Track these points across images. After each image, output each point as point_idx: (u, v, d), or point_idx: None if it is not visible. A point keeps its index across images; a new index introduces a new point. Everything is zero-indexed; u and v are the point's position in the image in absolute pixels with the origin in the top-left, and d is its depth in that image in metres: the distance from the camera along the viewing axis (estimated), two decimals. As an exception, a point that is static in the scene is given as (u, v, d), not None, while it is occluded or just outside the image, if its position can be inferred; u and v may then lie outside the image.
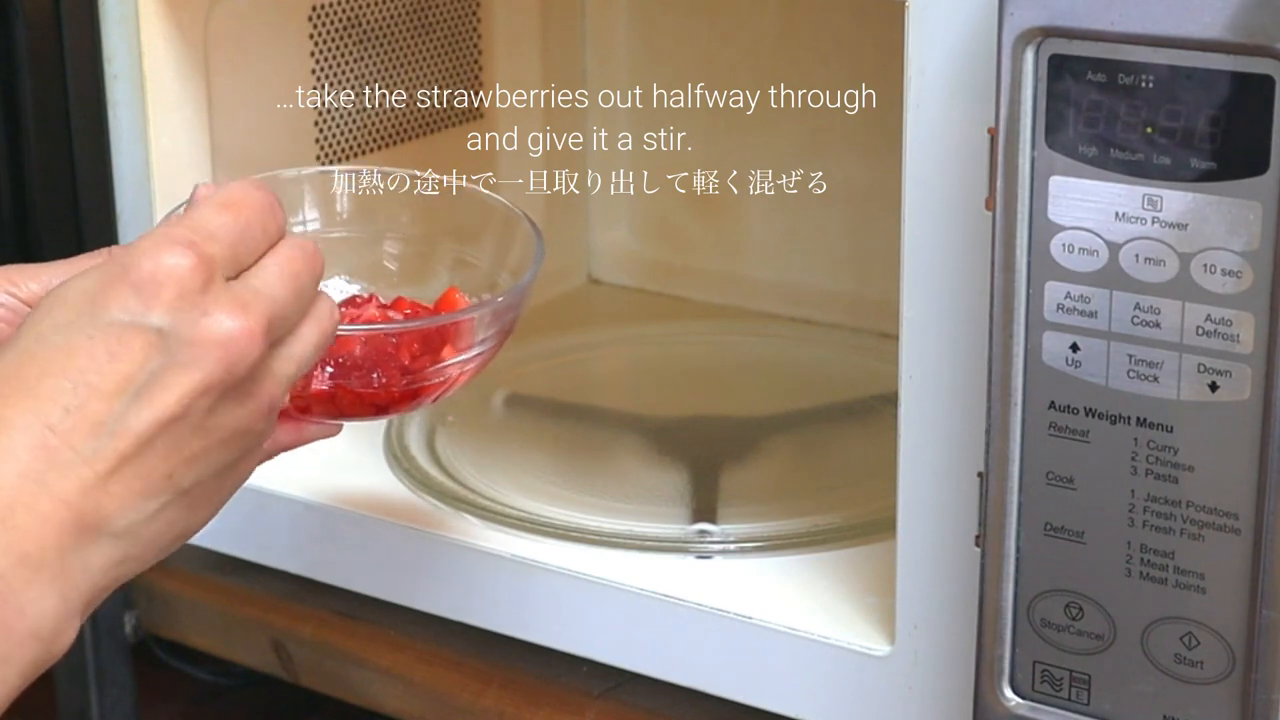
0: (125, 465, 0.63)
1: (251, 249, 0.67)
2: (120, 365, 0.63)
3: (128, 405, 0.63)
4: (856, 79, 1.17)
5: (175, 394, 0.63)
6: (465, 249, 0.84)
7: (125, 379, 0.63)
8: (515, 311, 0.80)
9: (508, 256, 0.83)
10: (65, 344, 0.63)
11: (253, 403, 0.66)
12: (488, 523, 0.96)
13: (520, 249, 0.82)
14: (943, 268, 0.76)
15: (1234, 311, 0.68)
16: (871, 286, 1.17)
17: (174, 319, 0.63)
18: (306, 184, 0.85)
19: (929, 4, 0.74)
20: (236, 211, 0.67)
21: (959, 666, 0.79)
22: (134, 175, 1.01)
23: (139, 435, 0.63)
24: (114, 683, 1.08)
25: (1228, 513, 0.70)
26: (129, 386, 0.63)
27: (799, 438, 1.08)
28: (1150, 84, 0.67)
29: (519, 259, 0.82)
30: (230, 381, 0.64)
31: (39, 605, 0.61)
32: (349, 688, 0.99)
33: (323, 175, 0.86)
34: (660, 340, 1.23)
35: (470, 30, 1.20)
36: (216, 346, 0.64)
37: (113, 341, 0.63)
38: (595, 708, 0.92)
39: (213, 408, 0.64)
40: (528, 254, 0.81)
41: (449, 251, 0.85)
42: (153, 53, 0.99)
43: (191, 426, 0.64)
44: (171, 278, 0.63)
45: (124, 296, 0.63)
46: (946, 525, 0.79)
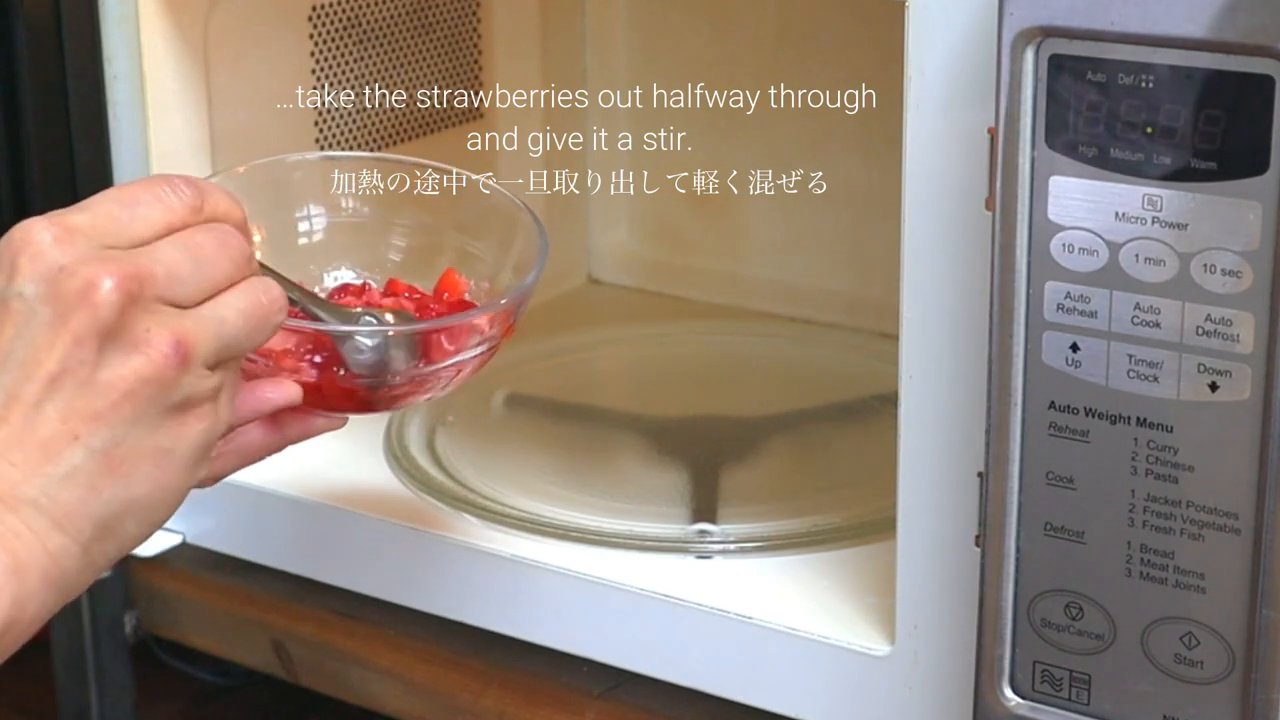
0: (21, 433, 0.63)
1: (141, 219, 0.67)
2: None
3: (5, 374, 0.64)
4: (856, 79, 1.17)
5: (48, 353, 0.64)
6: (469, 241, 0.84)
7: (2, 352, 0.64)
8: (518, 310, 0.80)
9: (511, 250, 0.83)
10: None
11: (149, 350, 0.65)
12: (488, 523, 0.96)
13: (523, 243, 0.82)
14: (943, 268, 0.76)
15: (1234, 311, 0.68)
16: (871, 286, 1.17)
17: (33, 283, 0.64)
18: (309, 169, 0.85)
19: (929, 4, 0.74)
20: (124, 186, 0.69)
21: (959, 666, 0.79)
22: (134, 175, 1.00)
23: (22, 400, 0.64)
24: (114, 683, 1.08)
25: (1228, 513, 0.70)
26: (5, 356, 0.64)
27: (799, 438, 1.08)
28: (1150, 84, 0.67)
29: (522, 253, 0.82)
30: (102, 329, 0.64)
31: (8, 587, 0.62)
32: (349, 688, 0.99)
33: (326, 162, 0.86)
34: (660, 340, 1.23)
35: (470, 30, 1.20)
36: (74, 296, 0.64)
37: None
38: (595, 708, 0.92)
39: (95, 361, 0.64)
40: (530, 248, 0.81)
41: (453, 243, 0.85)
42: (153, 53, 0.99)
43: (78, 381, 0.64)
44: (26, 244, 0.65)
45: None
46: (946, 525, 0.79)
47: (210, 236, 0.68)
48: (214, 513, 1.02)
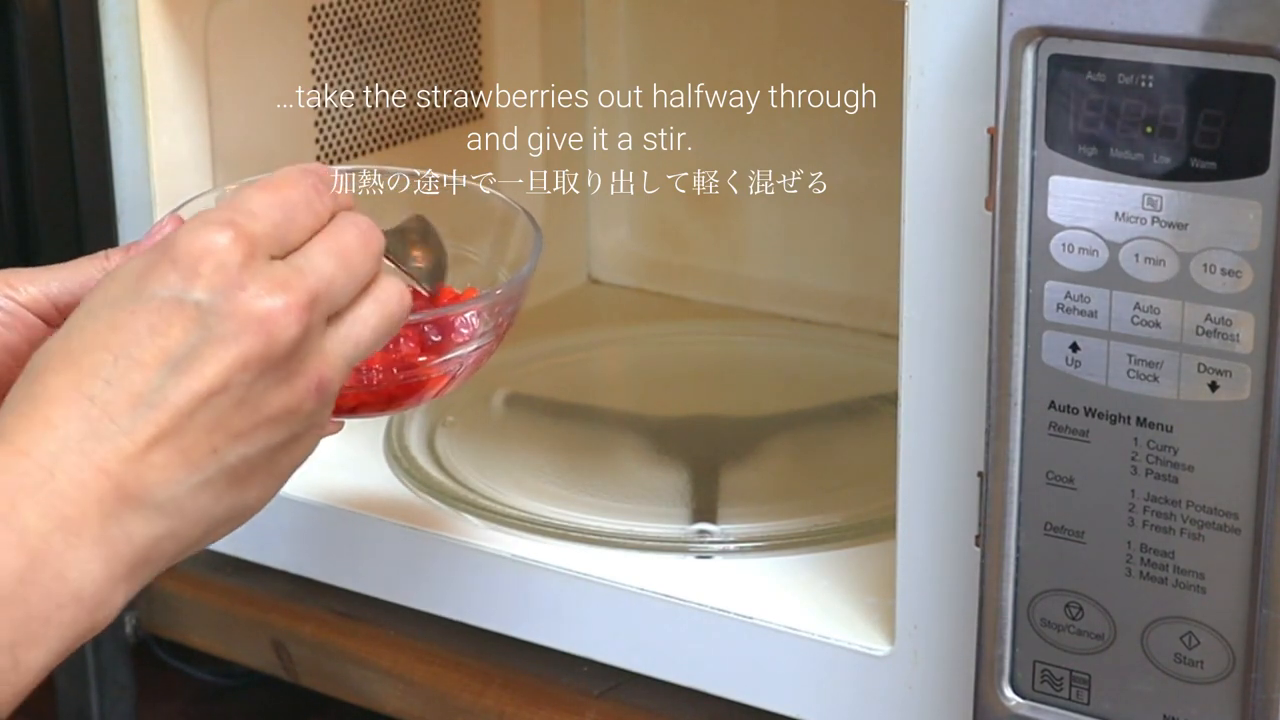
0: (165, 437, 0.64)
1: (298, 228, 0.68)
2: (160, 339, 0.64)
3: (166, 378, 0.64)
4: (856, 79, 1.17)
5: (213, 368, 0.64)
6: (464, 245, 0.84)
7: (164, 352, 0.64)
8: (513, 305, 0.80)
9: (506, 251, 0.83)
10: (110, 319, 0.65)
11: (300, 381, 0.66)
12: (488, 523, 0.96)
13: (518, 243, 0.82)
14: (943, 268, 0.76)
15: (1234, 311, 0.68)
16: (871, 286, 1.17)
17: (212, 294, 0.64)
18: None
19: (929, 4, 0.74)
20: (277, 190, 0.68)
21: (959, 666, 0.79)
22: (134, 175, 1.01)
23: (178, 408, 0.64)
24: (114, 683, 1.08)
25: (1228, 512, 0.70)
26: (168, 359, 0.64)
27: (799, 438, 1.08)
28: (1150, 84, 0.67)
29: (517, 253, 0.82)
30: (271, 357, 0.65)
31: (80, 569, 0.62)
32: (349, 688, 0.99)
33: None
34: (660, 340, 1.23)
35: (470, 30, 1.20)
36: (254, 321, 0.65)
37: (154, 316, 0.64)
38: (595, 708, 0.92)
39: (254, 383, 0.65)
40: (526, 248, 0.81)
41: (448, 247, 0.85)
42: (153, 53, 0.99)
43: (233, 401, 0.65)
44: (210, 253, 0.65)
45: (165, 273, 0.65)
46: (946, 525, 0.79)
47: (355, 236, 0.69)
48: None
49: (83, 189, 1.01)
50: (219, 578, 1.04)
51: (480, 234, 0.84)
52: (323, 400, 0.68)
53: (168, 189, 0.99)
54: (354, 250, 0.69)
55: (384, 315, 0.70)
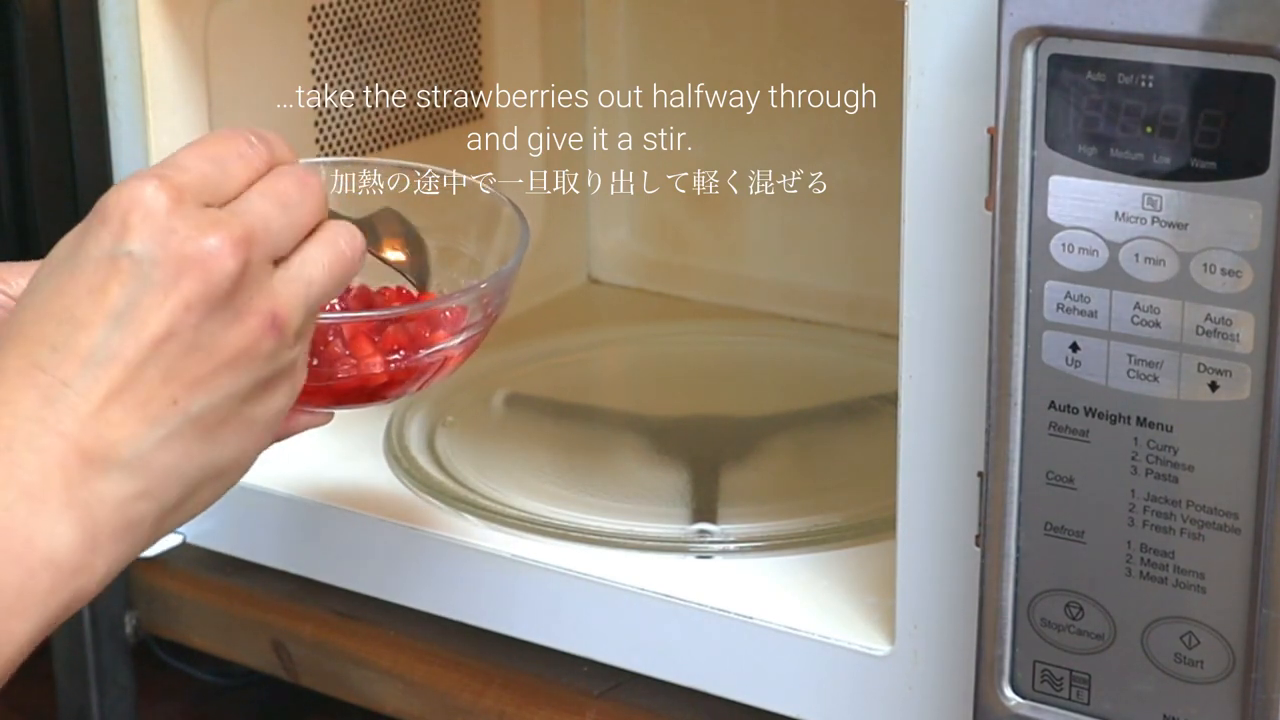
0: (121, 393, 0.63)
1: (231, 178, 0.68)
2: (100, 296, 0.64)
3: (110, 333, 0.63)
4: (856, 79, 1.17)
5: (156, 315, 0.64)
6: (452, 239, 0.84)
7: (106, 308, 0.64)
8: (500, 296, 0.80)
9: (493, 243, 0.83)
10: (54, 286, 0.65)
11: (251, 319, 0.66)
12: (488, 523, 0.96)
13: (505, 236, 0.82)
14: (943, 268, 0.76)
15: (1234, 311, 0.68)
16: (871, 286, 1.17)
17: (144, 243, 0.64)
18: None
19: (929, 4, 0.74)
20: (207, 144, 0.69)
21: (959, 666, 0.79)
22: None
23: (127, 361, 0.63)
24: (114, 683, 1.08)
25: (1228, 512, 0.70)
26: (110, 315, 0.64)
27: (799, 438, 1.08)
28: (1150, 84, 0.67)
29: (504, 245, 0.82)
30: (212, 296, 0.64)
31: (49, 535, 0.61)
32: (349, 688, 0.99)
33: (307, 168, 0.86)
34: (660, 340, 1.23)
35: (470, 30, 1.20)
36: (189, 262, 0.64)
37: (91, 275, 0.64)
38: (595, 708, 0.92)
39: (200, 325, 0.64)
40: (512, 239, 0.81)
41: (436, 243, 0.85)
42: (153, 53, 0.99)
43: (183, 346, 0.64)
44: (136, 204, 0.65)
45: (97, 231, 0.65)
46: (946, 525, 0.79)
47: (291, 181, 0.69)
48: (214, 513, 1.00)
49: (83, 189, 1.01)
50: (219, 578, 1.04)
51: (467, 226, 0.84)
52: (281, 338, 0.67)
53: (168, 189, 0.99)
54: (290, 192, 0.69)
55: (335, 254, 0.69)
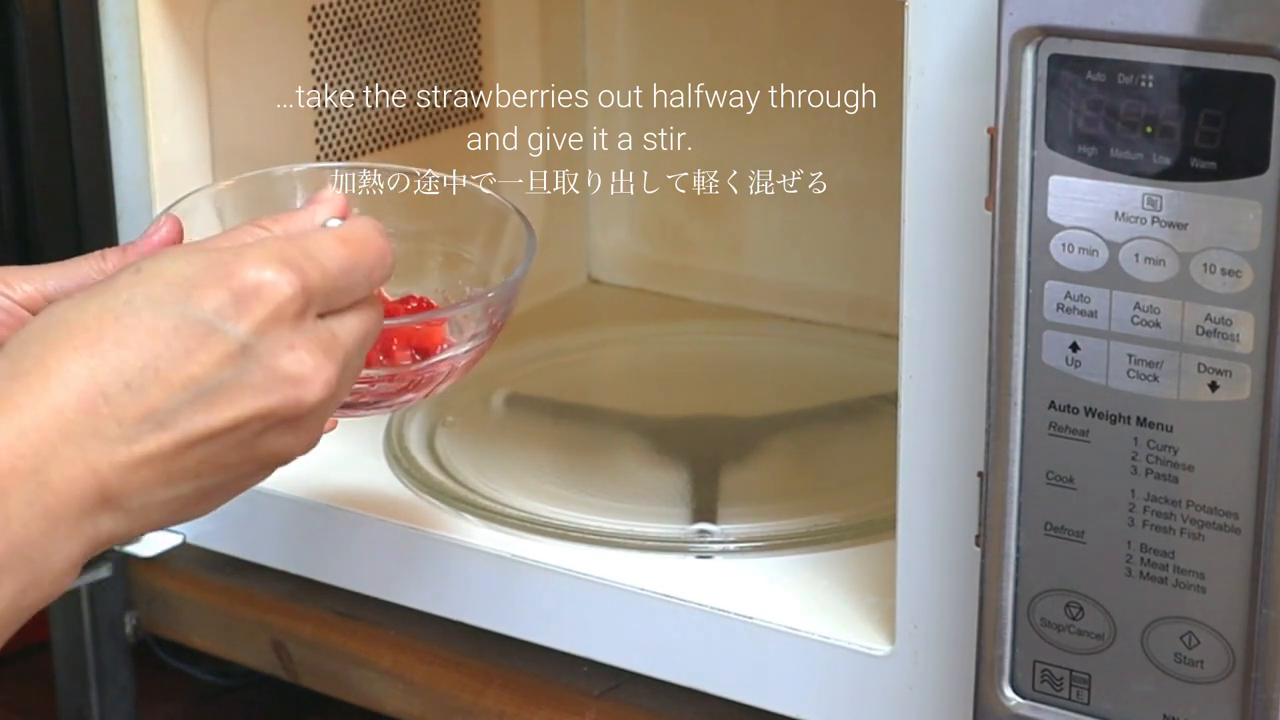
0: (161, 459, 0.64)
1: (350, 293, 0.68)
2: (191, 363, 0.63)
3: (185, 404, 0.63)
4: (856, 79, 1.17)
5: (235, 411, 0.64)
6: (457, 245, 0.84)
7: (192, 378, 0.63)
8: (506, 306, 0.80)
9: (499, 251, 0.83)
10: (150, 323, 0.64)
11: (304, 436, 0.67)
12: (488, 523, 0.96)
13: (511, 243, 0.82)
14: (943, 268, 0.76)
15: (1234, 311, 0.68)
16: (871, 286, 1.17)
17: (259, 339, 0.64)
18: (298, 181, 0.85)
19: (929, 4, 0.74)
20: (353, 251, 0.68)
21: (959, 666, 0.79)
22: (134, 175, 1.01)
23: (186, 436, 0.64)
24: (114, 683, 1.08)
25: (1228, 512, 0.70)
26: (193, 386, 0.64)
27: (799, 438, 1.08)
28: (1150, 84, 0.67)
29: (510, 253, 0.82)
30: (289, 418, 0.65)
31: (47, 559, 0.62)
32: (349, 688, 0.99)
33: (314, 173, 0.86)
34: (660, 340, 1.23)
35: (470, 30, 1.20)
36: (290, 382, 0.65)
37: (193, 338, 0.64)
38: (595, 708, 0.92)
39: (263, 432, 0.65)
40: (519, 247, 0.81)
41: (441, 248, 0.85)
42: (153, 53, 0.99)
43: (236, 442, 0.65)
44: (270, 297, 0.64)
45: (219, 298, 0.64)
46: (946, 525, 0.79)
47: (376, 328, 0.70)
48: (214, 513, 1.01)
49: (83, 189, 1.01)
50: (219, 578, 1.04)
51: (473, 233, 0.84)
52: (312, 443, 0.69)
53: (168, 189, 0.99)
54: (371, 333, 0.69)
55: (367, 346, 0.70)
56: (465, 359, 0.79)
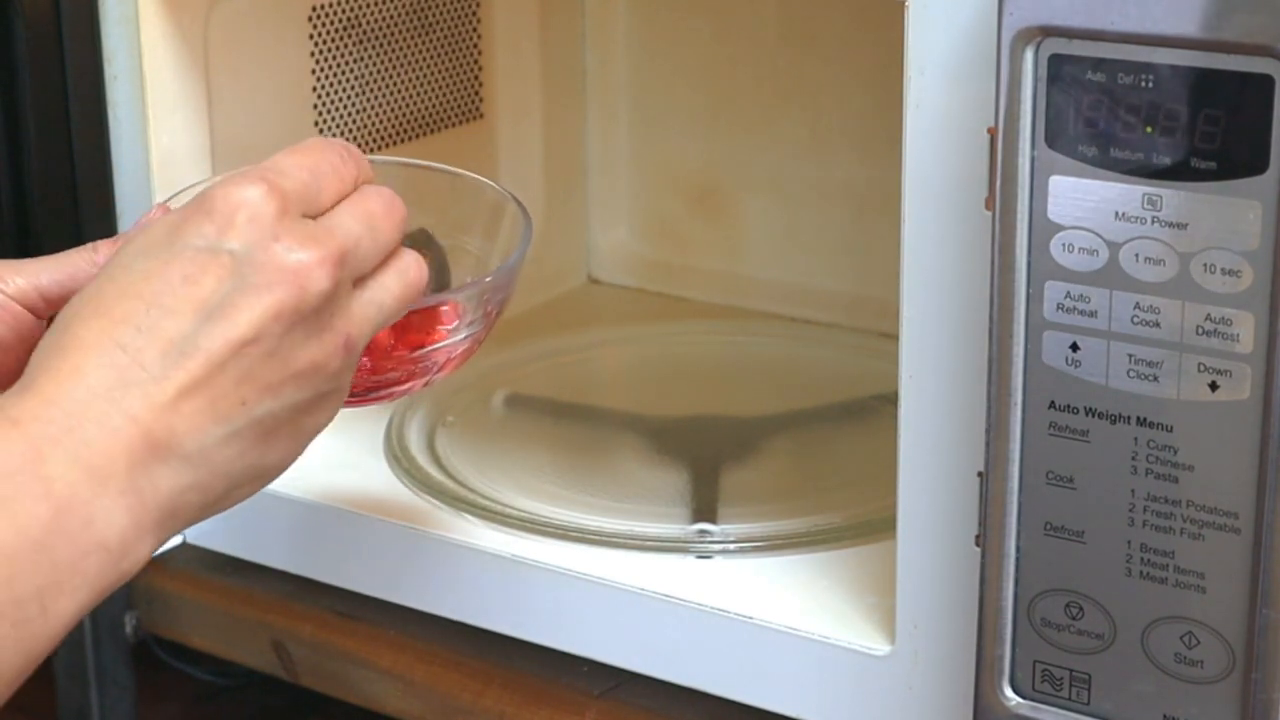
0: (197, 386, 0.64)
1: (327, 191, 0.69)
2: (194, 288, 0.64)
3: (199, 325, 0.64)
4: (856, 79, 1.17)
5: (247, 316, 0.65)
6: (456, 236, 0.84)
7: (199, 301, 0.64)
8: (503, 293, 0.80)
9: (497, 239, 0.83)
10: (144, 269, 0.65)
11: (328, 336, 0.67)
12: (488, 523, 0.96)
13: (509, 232, 0.82)
14: (943, 268, 0.76)
15: (1234, 311, 0.68)
16: (871, 286, 1.17)
17: (246, 244, 0.65)
18: None
19: (929, 4, 0.74)
20: (306, 153, 0.70)
21: (959, 666, 0.79)
22: (134, 175, 1.01)
23: (210, 356, 0.64)
24: (114, 683, 1.08)
25: (1228, 512, 0.70)
26: (202, 308, 0.64)
27: (799, 438, 1.08)
28: (1150, 84, 0.67)
29: (509, 242, 0.82)
30: (302, 309, 0.66)
31: (106, 518, 0.62)
32: (349, 688, 0.99)
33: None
34: (660, 340, 1.23)
35: (470, 30, 1.20)
36: (288, 272, 0.65)
37: (188, 265, 0.65)
38: (595, 708, 0.92)
39: (285, 335, 0.65)
40: (516, 236, 0.81)
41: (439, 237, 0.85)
42: (153, 53, 0.99)
43: (264, 352, 0.65)
44: (244, 205, 0.66)
45: (200, 223, 0.66)
46: (946, 525, 0.79)
47: (379, 203, 0.71)
48: (214, 513, 1.02)
49: (83, 189, 1.01)
50: (219, 578, 1.04)
51: (471, 224, 0.84)
52: (349, 359, 0.68)
53: (167, 188, 0.99)
54: (379, 216, 0.70)
55: (405, 284, 0.71)
56: (462, 347, 0.79)
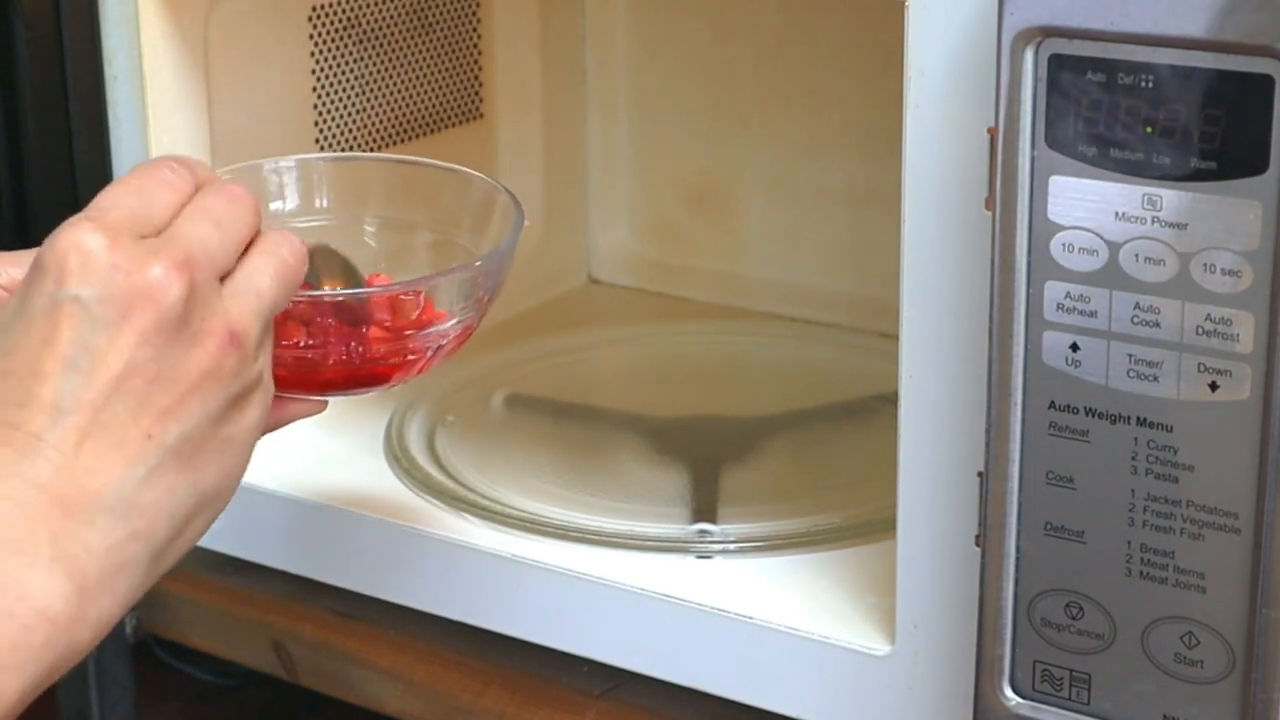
0: (92, 437, 0.63)
1: (161, 205, 0.68)
2: (52, 345, 0.64)
3: (69, 379, 0.63)
4: (856, 79, 1.17)
5: (112, 353, 0.64)
6: (447, 231, 0.84)
7: (61, 357, 0.63)
8: (493, 279, 0.79)
9: (488, 232, 0.83)
10: (7, 345, 0.64)
11: (206, 339, 0.66)
12: (488, 523, 0.96)
13: (500, 224, 0.82)
14: (943, 268, 0.76)
15: (1234, 311, 0.68)
16: (871, 286, 1.17)
17: (87, 285, 0.64)
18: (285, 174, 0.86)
19: (929, 4, 0.74)
20: (130, 178, 0.69)
21: (959, 666, 0.79)
22: (134, 175, 1.01)
23: (93, 403, 0.63)
24: (114, 683, 1.08)
25: (1228, 512, 0.70)
26: (66, 362, 0.63)
27: (799, 438, 1.08)
28: (1150, 84, 0.67)
29: (499, 233, 0.82)
30: (165, 324, 0.64)
31: (41, 589, 0.61)
32: (349, 688, 0.99)
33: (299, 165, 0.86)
34: (660, 340, 1.23)
35: (470, 30, 1.20)
36: (135, 295, 0.64)
37: (41, 326, 0.64)
38: (595, 708, 0.92)
39: (159, 357, 0.64)
40: (507, 228, 0.81)
41: (429, 232, 0.85)
42: (153, 53, 0.99)
43: (146, 379, 0.64)
44: (72, 249, 0.65)
45: (40, 283, 0.65)
46: (946, 525, 0.79)
47: (220, 198, 0.69)
48: (214, 513, 1.02)
49: (83, 189, 1.01)
50: (219, 578, 1.04)
51: (460, 217, 0.84)
52: (242, 352, 0.67)
53: (168, 189, 0.99)
54: (220, 209, 0.69)
55: (279, 262, 0.70)
56: (454, 333, 0.79)
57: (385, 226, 0.86)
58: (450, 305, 0.78)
